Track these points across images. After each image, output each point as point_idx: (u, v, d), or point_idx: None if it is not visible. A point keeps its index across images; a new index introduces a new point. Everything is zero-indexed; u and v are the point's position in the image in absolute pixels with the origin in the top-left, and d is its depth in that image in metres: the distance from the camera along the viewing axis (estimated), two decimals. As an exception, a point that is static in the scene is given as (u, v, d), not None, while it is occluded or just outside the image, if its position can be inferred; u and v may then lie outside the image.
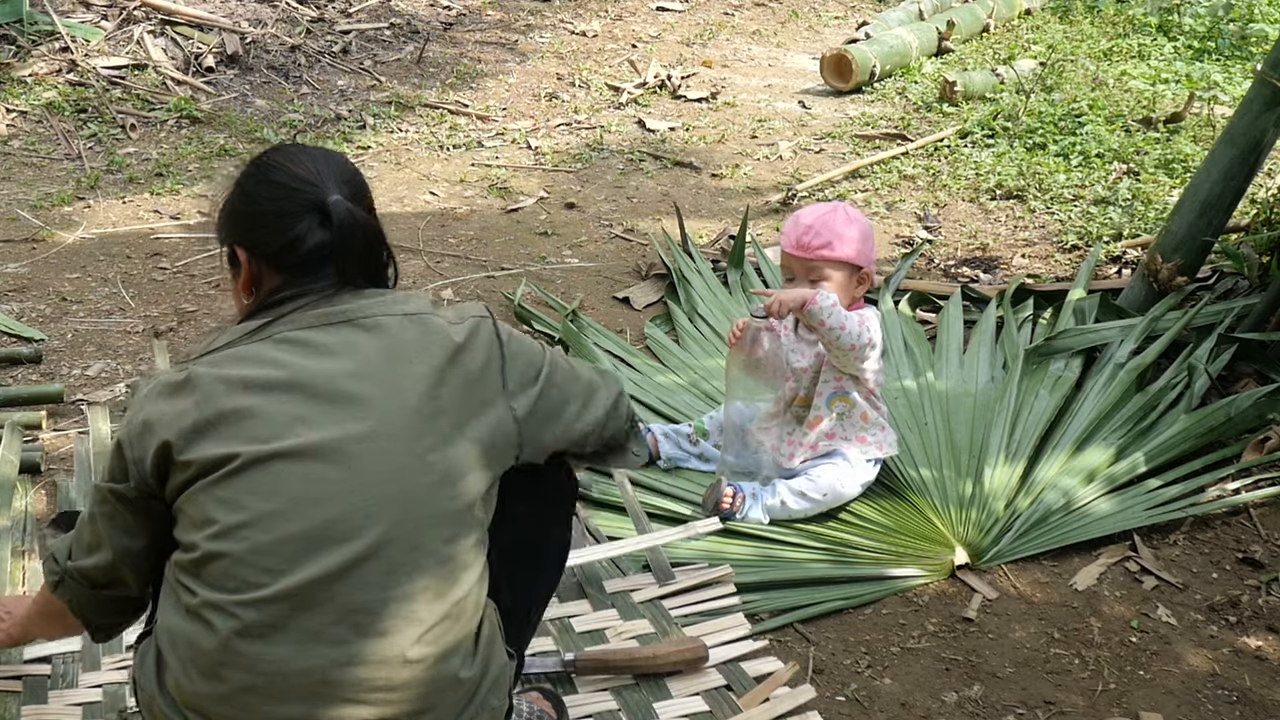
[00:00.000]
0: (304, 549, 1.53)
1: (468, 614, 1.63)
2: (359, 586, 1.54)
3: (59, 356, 3.50)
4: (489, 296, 4.02)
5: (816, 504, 2.81)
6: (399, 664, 1.55)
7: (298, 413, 1.58)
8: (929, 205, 5.01)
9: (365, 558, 1.54)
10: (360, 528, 1.54)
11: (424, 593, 1.57)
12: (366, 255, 1.73)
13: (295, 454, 1.56)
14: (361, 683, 1.54)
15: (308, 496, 1.55)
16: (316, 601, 1.53)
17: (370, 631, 1.54)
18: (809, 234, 2.77)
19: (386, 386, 1.61)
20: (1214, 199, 3.72)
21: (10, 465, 2.87)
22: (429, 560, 1.58)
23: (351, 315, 1.66)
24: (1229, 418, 3.15)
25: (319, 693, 1.53)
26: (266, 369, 1.60)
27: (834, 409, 2.87)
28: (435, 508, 1.60)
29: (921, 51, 7.22)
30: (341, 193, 1.71)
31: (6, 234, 4.34)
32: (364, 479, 1.56)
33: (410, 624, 1.56)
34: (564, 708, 2.18)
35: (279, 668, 1.53)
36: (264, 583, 1.52)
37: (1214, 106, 6.03)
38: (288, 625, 1.53)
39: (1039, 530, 2.81)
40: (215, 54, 6.22)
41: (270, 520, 1.54)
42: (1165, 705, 2.32)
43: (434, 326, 1.70)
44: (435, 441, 1.61)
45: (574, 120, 6.05)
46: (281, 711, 1.54)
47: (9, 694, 2.20)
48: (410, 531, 1.57)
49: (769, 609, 2.54)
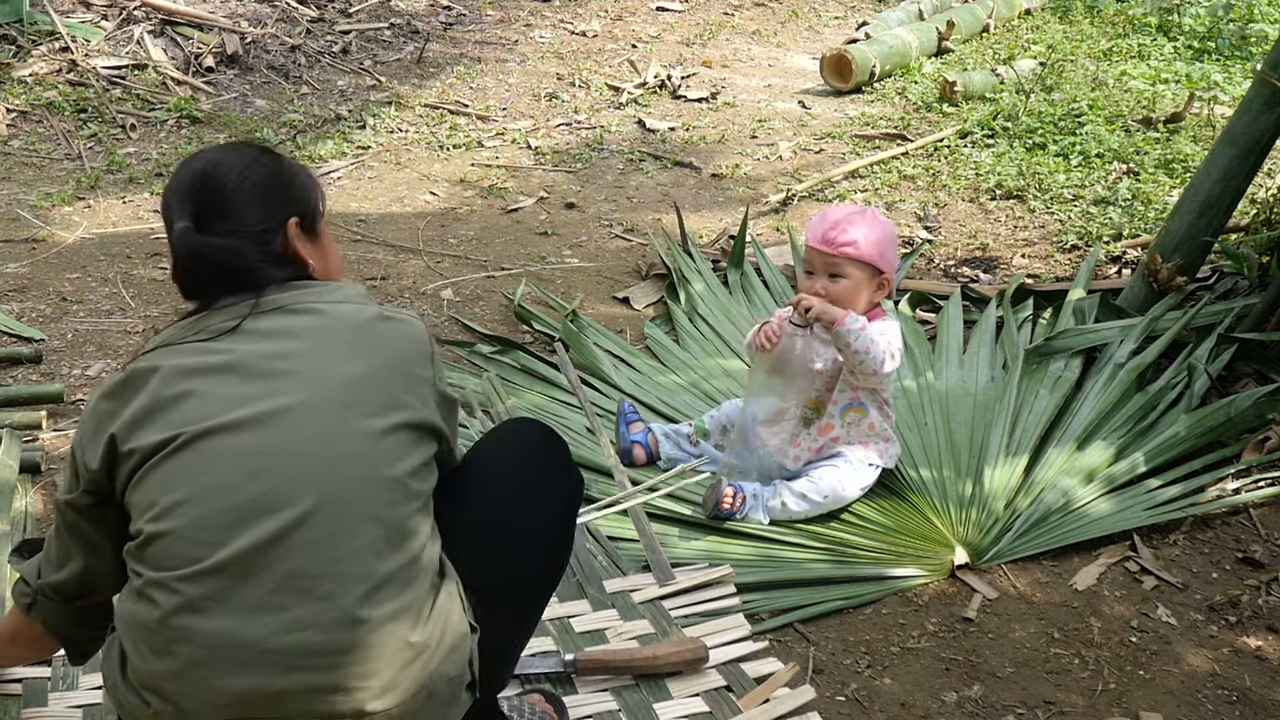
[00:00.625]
0: (239, 520, 1.55)
1: (416, 579, 1.62)
2: (295, 553, 1.54)
3: (59, 356, 3.50)
4: (489, 296, 4.02)
5: (817, 505, 2.81)
6: (344, 625, 1.54)
7: (233, 392, 1.61)
8: (929, 205, 5.01)
9: (299, 524, 1.55)
10: (292, 495, 1.56)
11: (362, 555, 1.57)
12: (225, 271, 1.71)
13: (228, 429, 1.59)
14: (307, 648, 1.53)
15: (242, 469, 1.57)
16: (254, 571, 1.54)
17: (310, 596, 1.54)
18: (835, 230, 2.78)
19: (316, 360, 1.65)
20: (1214, 199, 3.72)
21: (10, 466, 2.88)
22: (366, 524, 1.58)
23: (283, 303, 1.71)
24: (1229, 418, 3.15)
25: (267, 662, 1.53)
26: (204, 356, 1.65)
27: (846, 419, 2.88)
28: (369, 473, 1.61)
29: (921, 51, 7.22)
30: (185, 217, 1.71)
31: (6, 234, 4.34)
32: (295, 448, 1.59)
33: (351, 585, 1.55)
34: (564, 709, 2.17)
35: (225, 639, 1.53)
36: (202, 556, 1.54)
37: (1214, 106, 6.03)
38: (228, 597, 1.54)
39: (1039, 530, 2.82)
40: (215, 54, 6.22)
41: (206, 495, 1.56)
42: (1165, 705, 2.32)
43: (367, 309, 1.75)
44: (366, 410, 1.64)
45: (574, 120, 6.05)
46: (234, 684, 1.54)
47: (9, 697, 2.19)
48: (343, 496, 1.58)
49: (769, 609, 2.54)
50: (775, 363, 2.87)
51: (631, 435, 3.04)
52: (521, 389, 3.36)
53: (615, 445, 3.04)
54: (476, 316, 3.87)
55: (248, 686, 1.53)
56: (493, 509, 1.85)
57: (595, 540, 2.70)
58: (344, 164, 5.26)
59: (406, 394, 1.69)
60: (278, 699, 1.54)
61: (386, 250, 4.38)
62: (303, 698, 1.54)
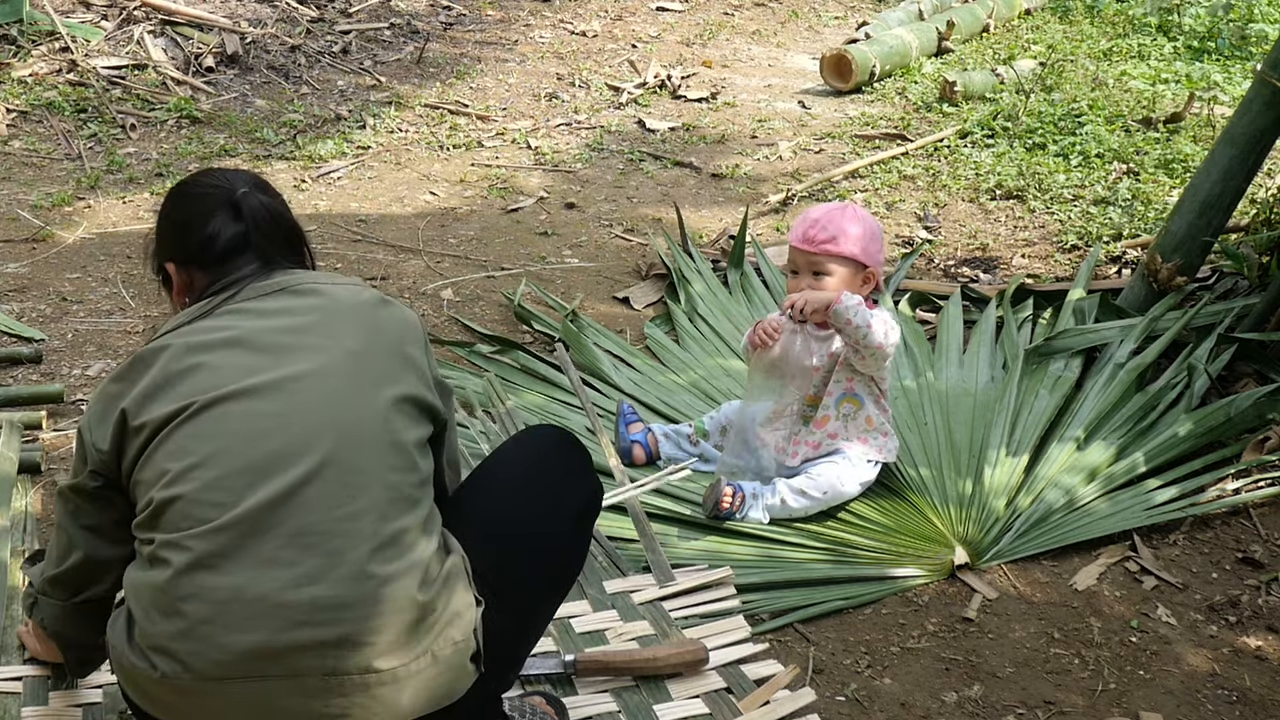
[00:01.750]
0: (250, 480, 1.59)
1: (419, 543, 1.64)
2: (304, 509, 1.58)
3: (59, 356, 3.50)
4: (489, 296, 4.02)
5: (816, 502, 2.81)
6: (352, 580, 1.56)
7: (242, 362, 1.67)
8: (929, 205, 5.01)
9: (307, 481, 1.59)
10: (301, 453, 1.60)
11: (370, 513, 1.59)
12: (281, 237, 1.87)
13: (239, 395, 1.64)
14: (315, 602, 1.55)
15: (252, 431, 1.62)
16: (265, 527, 1.57)
17: (319, 551, 1.56)
18: (815, 228, 2.80)
19: (322, 333, 1.72)
20: (1214, 199, 3.72)
21: (10, 465, 2.88)
22: (373, 483, 1.61)
23: (285, 284, 1.79)
24: (1229, 418, 3.15)
25: (275, 616, 1.55)
26: (211, 334, 1.71)
27: (841, 410, 2.88)
28: (375, 435, 1.65)
29: (921, 51, 7.22)
30: (248, 187, 1.86)
31: (7, 234, 4.34)
32: (303, 409, 1.64)
33: (359, 541, 1.58)
34: (565, 710, 2.17)
35: (234, 595, 1.55)
36: (214, 516, 1.58)
37: (1214, 106, 6.02)
38: (238, 554, 1.56)
39: (1039, 530, 2.82)
40: (215, 54, 6.21)
41: (217, 458, 1.60)
42: (1165, 705, 2.32)
43: (366, 292, 1.82)
44: (372, 380, 1.69)
45: (574, 120, 6.05)
46: (241, 640, 1.55)
47: (9, 695, 2.19)
48: (351, 455, 1.62)
49: (769, 609, 2.54)
50: (773, 362, 2.87)
51: (631, 435, 3.04)
52: (521, 389, 3.36)
53: (615, 445, 3.04)
54: (476, 316, 3.87)
55: (256, 642, 1.55)
56: (507, 507, 1.87)
57: (595, 541, 2.70)
58: (344, 164, 5.26)
59: (405, 371, 1.73)
60: (286, 655, 1.55)
61: (386, 250, 4.38)
62: (310, 653, 1.55)
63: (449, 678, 1.65)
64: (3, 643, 2.32)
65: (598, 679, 2.29)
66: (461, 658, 1.67)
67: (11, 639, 2.33)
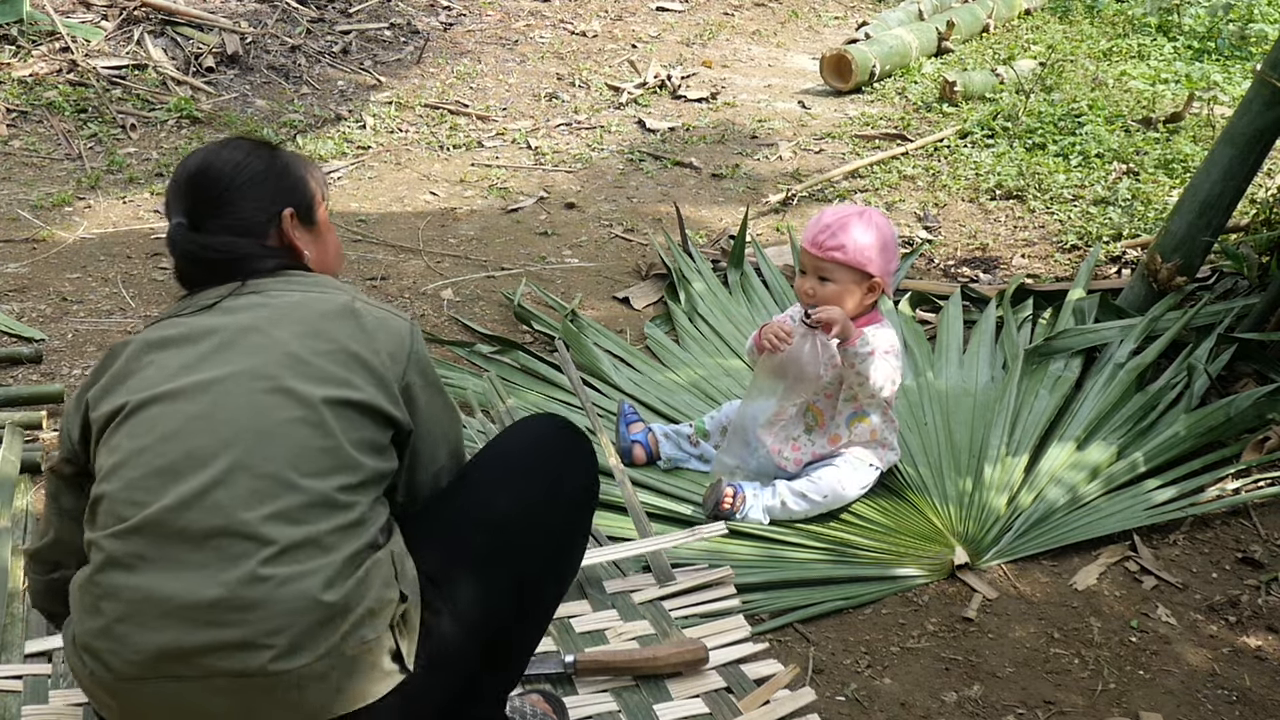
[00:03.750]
0: (165, 480, 1.60)
1: (338, 547, 1.62)
2: (212, 511, 1.58)
3: (59, 356, 3.50)
4: (489, 296, 4.02)
5: (816, 505, 2.81)
6: (249, 583, 1.56)
7: (181, 362, 1.69)
8: (929, 205, 5.01)
9: (216, 483, 1.59)
10: (213, 455, 1.61)
11: (276, 519, 1.59)
12: (217, 265, 1.81)
13: (167, 396, 1.66)
14: (218, 604, 1.55)
15: (174, 432, 1.63)
16: (175, 529, 1.58)
17: (225, 554, 1.57)
18: (825, 233, 2.77)
19: (266, 336, 1.71)
20: (1213, 199, 3.72)
21: (12, 468, 2.88)
22: (282, 489, 1.60)
23: (260, 288, 1.79)
24: (1229, 418, 3.15)
25: (182, 617, 1.56)
26: (171, 330, 1.74)
27: (854, 429, 2.89)
28: (298, 439, 1.63)
29: (921, 51, 7.22)
30: (180, 214, 1.82)
31: (7, 234, 4.34)
32: (223, 412, 1.64)
33: (259, 545, 1.57)
34: (564, 710, 2.18)
35: (144, 595, 1.57)
36: (131, 515, 1.60)
37: (1214, 106, 6.03)
38: (151, 554, 1.58)
39: (1039, 530, 2.82)
40: (215, 54, 6.22)
41: (139, 457, 1.63)
42: (1165, 705, 2.32)
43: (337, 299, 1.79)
44: (304, 383, 1.66)
45: (574, 120, 6.05)
46: (153, 640, 1.56)
47: (9, 694, 2.20)
48: (262, 460, 1.61)
49: (769, 609, 2.54)
50: (779, 365, 2.86)
51: (631, 435, 3.04)
52: (521, 389, 3.36)
53: (615, 445, 3.04)
54: (476, 316, 3.87)
55: (166, 642, 1.56)
56: (498, 492, 1.85)
57: (595, 541, 2.70)
58: (344, 164, 5.26)
59: (355, 376, 1.71)
60: (194, 656, 1.56)
61: (386, 250, 4.38)
62: (216, 654, 1.56)
63: (363, 677, 1.62)
64: (3, 641, 2.32)
65: (598, 679, 2.29)
66: (376, 656, 1.63)
67: (12, 637, 2.33)
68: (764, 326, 2.88)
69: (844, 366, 2.79)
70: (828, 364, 2.86)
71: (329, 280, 1.86)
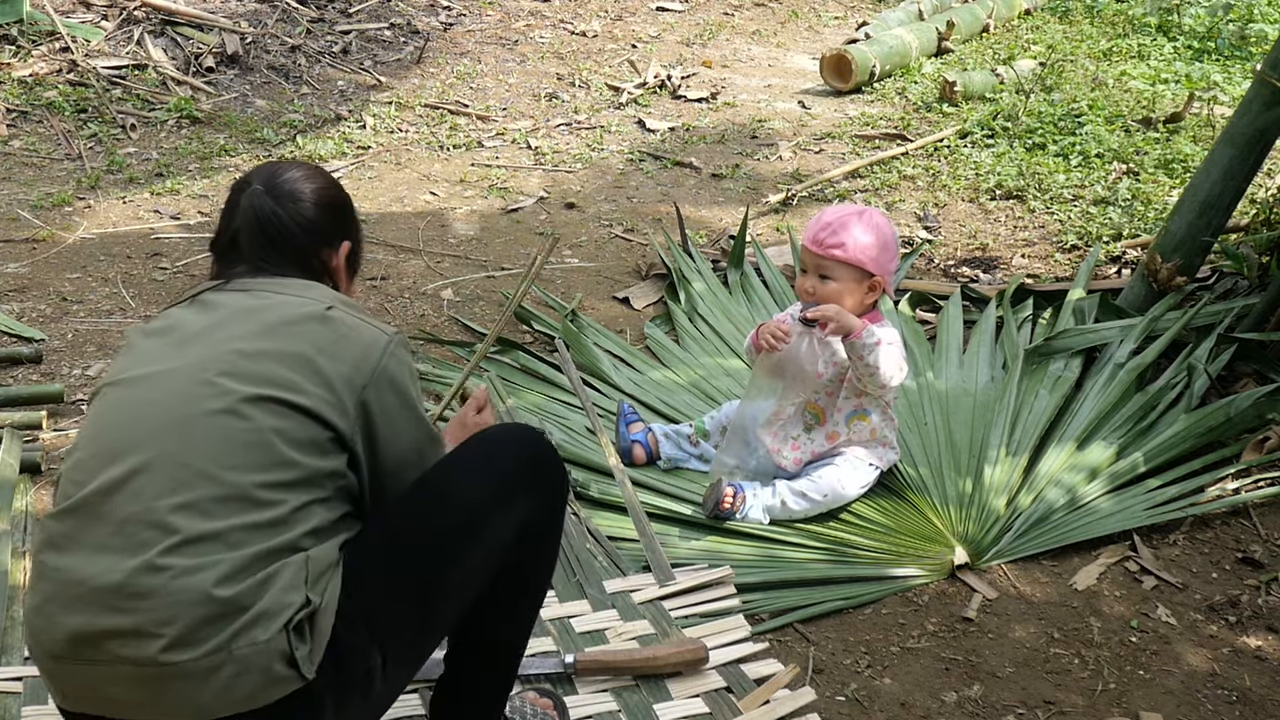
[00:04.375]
0: (101, 463, 1.65)
1: (248, 543, 1.61)
2: (131, 498, 1.62)
3: (59, 356, 3.50)
4: (489, 296, 4.02)
5: (816, 504, 2.81)
6: (144, 570, 1.57)
7: (152, 352, 1.75)
8: (929, 205, 5.01)
9: (138, 471, 1.63)
10: (142, 443, 1.65)
11: (186, 509, 1.60)
12: (268, 237, 1.88)
13: (122, 383, 1.74)
14: (120, 589, 1.57)
15: (117, 419, 1.69)
16: (100, 513, 1.62)
17: (133, 540, 1.59)
18: (825, 231, 2.78)
19: (225, 332, 1.75)
20: (1213, 199, 3.72)
21: (11, 471, 2.88)
22: (197, 479, 1.62)
23: (251, 287, 1.83)
24: (1229, 418, 3.15)
25: (91, 600, 1.58)
26: (163, 320, 1.80)
27: (852, 427, 2.89)
28: (218, 433, 1.65)
29: (921, 51, 7.22)
30: (258, 185, 1.91)
31: (7, 234, 4.34)
32: (160, 401, 1.68)
33: (163, 535, 1.59)
34: (565, 708, 2.18)
35: (68, 576, 1.61)
36: (71, 494, 1.66)
37: (1214, 106, 6.03)
38: (78, 535, 1.63)
39: (1039, 530, 2.82)
40: (215, 54, 6.22)
41: (87, 441, 1.70)
42: (1165, 705, 2.32)
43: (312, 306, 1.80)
44: (243, 381, 1.68)
45: (574, 120, 6.05)
46: (71, 621, 1.59)
47: (10, 695, 2.20)
48: (182, 451, 1.64)
49: (769, 609, 2.54)
50: (777, 364, 2.87)
51: (631, 435, 3.04)
52: (521, 389, 3.36)
53: (615, 445, 3.04)
54: (476, 316, 3.87)
55: (78, 624, 1.58)
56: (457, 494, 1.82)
57: (595, 540, 2.70)
58: (344, 164, 5.26)
59: (301, 379, 1.71)
60: (98, 640, 1.58)
61: (386, 250, 4.38)
62: (114, 640, 1.57)
63: (253, 679, 1.59)
64: (4, 643, 2.33)
65: (598, 679, 2.29)
66: (268, 659, 1.59)
67: (12, 640, 2.33)
68: (761, 326, 2.89)
69: (851, 361, 2.79)
70: (829, 361, 2.86)
71: (324, 289, 1.87)
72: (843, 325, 2.74)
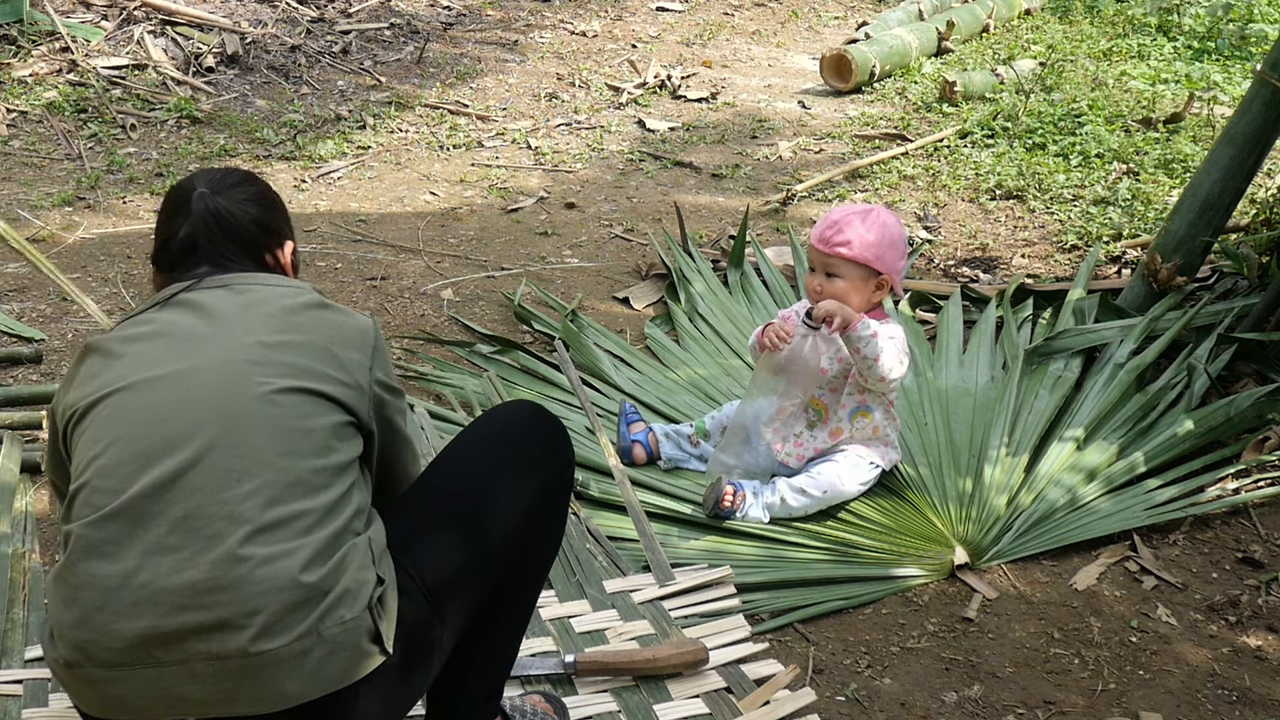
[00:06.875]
0: (140, 466, 1.61)
1: (315, 528, 1.62)
2: (187, 493, 1.59)
3: (59, 356, 3.50)
4: (489, 296, 4.02)
5: (816, 501, 2.81)
6: (226, 563, 1.56)
7: (155, 355, 1.71)
8: (929, 205, 5.01)
9: (191, 465, 1.60)
10: (187, 438, 1.62)
11: (253, 497, 1.59)
12: (228, 239, 1.88)
13: (142, 385, 1.68)
14: (193, 586, 1.55)
15: (148, 419, 1.65)
16: (152, 513, 1.59)
17: (201, 535, 1.57)
18: (832, 229, 2.80)
19: (236, 327, 1.74)
20: (1213, 199, 3.72)
21: (11, 475, 2.87)
22: (258, 467, 1.61)
23: (229, 283, 1.82)
24: (1229, 418, 3.15)
25: (159, 601, 1.56)
26: (142, 326, 1.77)
27: (856, 424, 2.89)
28: (272, 421, 1.65)
29: (921, 51, 7.22)
30: (204, 188, 1.90)
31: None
32: (195, 395, 1.66)
33: (237, 524, 1.58)
34: (565, 710, 2.18)
35: (122, 582, 1.57)
36: (106, 503, 1.60)
37: (1214, 106, 6.03)
38: (127, 540, 1.58)
39: (1039, 530, 2.82)
40: (215, 54, 6.22)
41: (115, 446, 1.64)
42: (1165, 705, 2.32)
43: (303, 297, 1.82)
44: (273, 372, 1.69)
45: (574, 120, 6.05)
46: (130, 627, 1.56)
47: (10, 698, 2.20)
48: (237, 440, 1.62)
49: (769, 609, 2.54)
50: (780, 362, 2.87)
51: (632, 435, 3.05)
52: (521, 389, 3.37)
53: (615, 445, 3.04)
54: (476, 316, 3.87)
55: (143, 628, 1.56)
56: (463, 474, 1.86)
57: (595, 540, 2.70)
58: (344, 164, 5.26)
59: (323, 367, 1.73)
60: (172, 640, 1.56)
61: (386, 250, 4.38)
62: (194, 638, 1.56)
63: (342, 658, 1.61)
64: (4, 646, 2.32)
65: (598, 679, 2.29)
66: (355, 637, 1.62)
67: (13, 642, 2.33)
68: (767, 325, 2.89)
69: (851, 354, 2.79)
70: (833, 358, 2.86)
71: (290, 279, 1.92)
72: (843, 318, 2.75)
